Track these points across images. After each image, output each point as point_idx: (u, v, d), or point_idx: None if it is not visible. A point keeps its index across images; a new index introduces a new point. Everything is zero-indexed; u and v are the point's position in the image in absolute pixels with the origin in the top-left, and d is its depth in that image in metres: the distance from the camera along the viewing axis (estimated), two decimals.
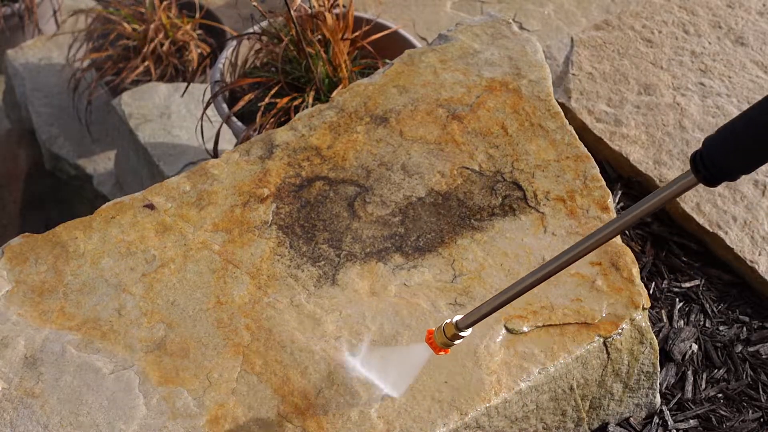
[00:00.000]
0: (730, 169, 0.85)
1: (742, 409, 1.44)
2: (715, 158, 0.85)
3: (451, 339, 1.10)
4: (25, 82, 3.14)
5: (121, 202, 1.45)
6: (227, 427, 1.17)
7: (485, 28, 1.75)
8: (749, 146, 0.83)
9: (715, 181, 0.86)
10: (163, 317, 1.29)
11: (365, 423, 1.17)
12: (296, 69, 1.97)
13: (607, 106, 1.89)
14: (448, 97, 1.60)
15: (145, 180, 2.61)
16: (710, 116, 1.86)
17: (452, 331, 1.09)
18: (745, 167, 0.85)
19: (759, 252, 1.62)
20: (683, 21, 2.10)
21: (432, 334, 1.12)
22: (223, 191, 1.46)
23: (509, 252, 1.36)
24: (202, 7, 2.99)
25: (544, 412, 1.26)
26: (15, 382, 1.22)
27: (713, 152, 0.85)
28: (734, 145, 0.84)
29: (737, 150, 0.84)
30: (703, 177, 0.86)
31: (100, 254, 1.37)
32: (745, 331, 1.55)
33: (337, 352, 1.23)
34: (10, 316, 1.30)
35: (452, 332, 1.09)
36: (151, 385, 1.21)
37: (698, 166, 0.86)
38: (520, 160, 1.49)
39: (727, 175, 0.86)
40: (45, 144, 3.02)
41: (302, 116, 1.59)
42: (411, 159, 1.50)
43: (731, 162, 0.84)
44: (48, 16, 3.36)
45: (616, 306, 1.29)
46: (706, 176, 0.86)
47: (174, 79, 2.87)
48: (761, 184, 1.72)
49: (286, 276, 1.33)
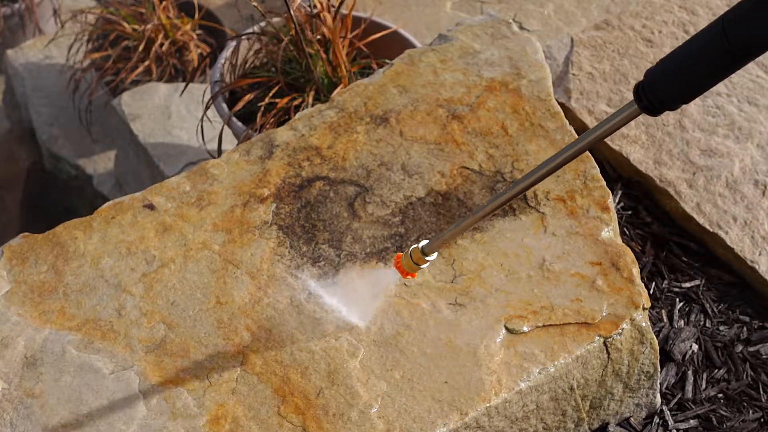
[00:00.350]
0: (669, 98, 0.89)
1: (742, 409, 1.44)
2: (655, 88, 0.89)
3: (418, 263, 1.15)
4: (25, 83, 3.14)
5: (121, 202, 1.45)
6: (227, 427, 1.17)
7: (485, 28, 1.75)
8: (686, 76, 0.87)
9: (655, 110, 0.90)
10: (164, 317, 1.29)
11: (365, 423, 1.17)
12: (296, 69, 1.97)
13: (608, 106, 1.89)
14: (448, 97, 1.60)
15: (145, 180, 2.61)
16: (710, 116, 1.86)
17: (418, 256, 1.14)
18: (684, 96, 0.89)
19: (759, 252, 1.62)
20: (683, 21, 2.10)
21: (399, 260, 1.16)
22: (223, 191, 1.46)
23: (509, 252, 1.36)
24: (202, 8, 2.99)
25: (545, 412, 1.26)
26: (15, 382, 1.22)
27: (653, 82, 0.89)
28: (672, 75, 0.88)
29: (675, 80, 0.88)
30: (645, 106, 0.91)
31: (100, 254, 1.37)
32: (746, 331, 1.55)
33: (304, 286, 1.23)
34: (10, 316, 1.29)
35: (418, 256, 1.14)
36: (151, 385, 1.21)
37: (640, 96, 0.90)
38: (521, 160, 1.49)
39: (667, 104, 0.90)
40: (45, 144, 3.02)
41: (302, 116, 1.59)
42: (411, 159, 1.50)
43: (670, 91, 0.89)
44: (48, 16, 3.36)
45: (617, 306, 1.29)
46: (647, 105, 0.90)
47: (174, 79, 2.87)
48: (761, 184, 1.72)
49: (286, 276, 1.33)
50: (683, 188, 1.72)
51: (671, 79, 0.88)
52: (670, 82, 0.88)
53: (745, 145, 1.79)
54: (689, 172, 1.74)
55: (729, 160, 1.76)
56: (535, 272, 1.33)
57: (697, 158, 1.77)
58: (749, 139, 1.81)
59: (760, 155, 1.77)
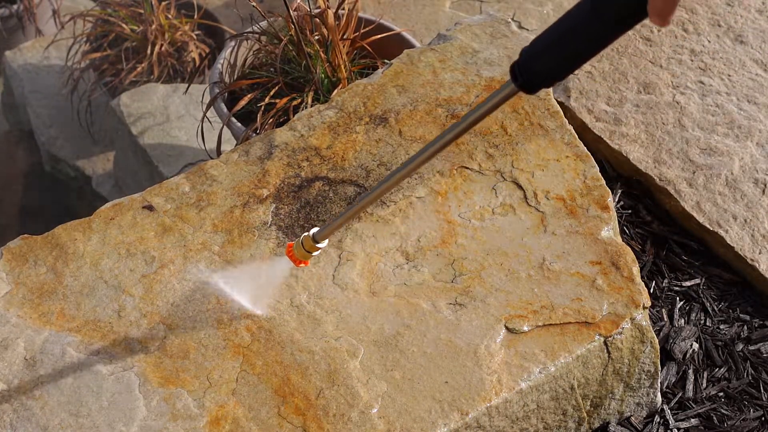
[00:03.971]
0: (543, 75, 0.91)
1: (743, 408, 1.44)
2: (530, 66, 0.91)
3: (309, 251, 1.17)
4: (24, 84, 3.13)
5: (121, 203, 1.45)
6: (228, 428, 1.17)
7: (484, 27, 1.75)
8: (559, 52, 0.89)
9: (531, 87, 0.92)
10: (163, 318, 1.29)
11: (366, 423, 1.17)
12: (295, 69, 1.97)
13: (607, 105, 1.89)
14: (448, 96, 1.60)
15: (144, 181, 2.61)
16: (710, 114, 1.85)
17: (310, 244, 1.16)
18: (556, 74, 0.91)
19: (759, 250, 1.62)
20: (683, 19, 2.10)
21: (291, 248, 1.18)
22: (223, 192, 1.46)
23: (509, 252, 1.36)
24: (201, 8, 2.99)
25: (545, 412, 1.26)
26: (15, 383, 1.22)
27: (528, 60, 0.91)
28: (546, 52, 0.90)
29: (549, 57, 0.90)
30: (521, 84, 0.92)
31: (100, 255, 1.37)
32: (746, 330, 1.55)
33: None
34: (9, 317, 1.29)
35: (310, 244, 1.16)
36: (151, 386, 1.21)
37: (516, 74, 0.92)
38: (520, 160, 1.49)
39: (541, 81, 0.91)
40: (44, 145, 3.02)
41: (301, 116, 1.59)
42: None
43: (543, 68, 0.90)
44: (47, 17, 3.35)
45: (617, 305, 1.29)
46: (523, 83, 0.92)
47: (173, 79, 2.87)
48: (761, 183, 1.72)
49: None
50: (683, 187, 1.72)
51: (545, 56, 0.90)
52: (544, 59, 0.90)
53: (745, 143, 1.79)
54: (689, 171, 1.74)
55: (729, 158, 1.76)
56: (535, 272, 1.33)
57: (697, 157, 1.77)
58: (749, 137, 1.80)
59: (759, 153, 1.77)
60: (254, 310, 1.26)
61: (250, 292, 1.26)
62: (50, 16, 3.30)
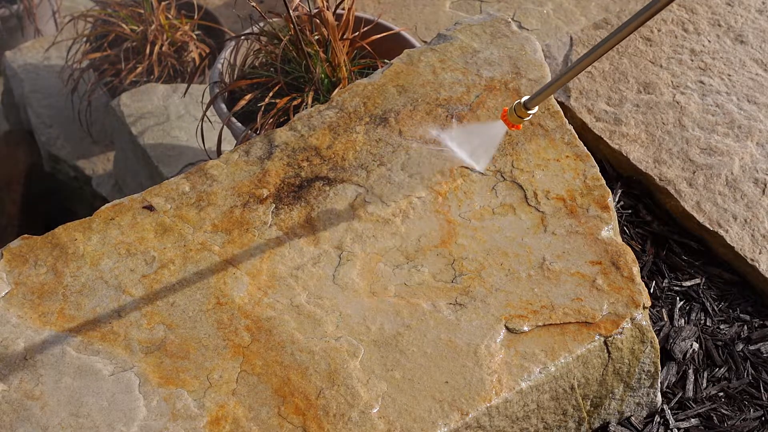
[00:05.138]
0: None
1: (743, 408, 1.44)
2: None
3: (521, 117, 1.29)
4: (24, 84, 3.13)
5: (121, 204, 1.45)
6: (228, 428, 1.17)
7: (484, 27, 1.75)
8: None
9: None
10: (163, 318, 1.29)
11: (366, 423, 1.17)
12: (295, 69, 1.97)
13: (607, 104, 1.89)
14: (448, 96, 1.60)
15: (145, 181, 2.61)
16: (710, 114, 1.85)
17: (522, 110, 1.28)
18: None
19: (759, 250, 1.62)
20: (683, 19, 2.10)
21: (506, 113, 1.30)
22: (223, 192, 1.46)
23: (509, 252, 1.36)
24: (201, 8, 2.99)
25: (545, 412, 1.26)
26: (15, 384, 1.22)
27: None
28: None
29: None
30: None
31: (100, 256, 1.37)
32: (746, 330, 1.55)
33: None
34: (9, 318, 1.29)
35: (522, 111, 1.28)
36: (151, 386, 1.21)
37: None
38: (520, 160, 1.49)
39: None
40: (44, 145, 3.02)
41: (301, 116, 1.59)
42: (410, 159, 1.50)
43: None
44: (47, 17, 3.35)
45: (617, 305, 1.29)
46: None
47: (173, 79, 2.87)
48: (761, 182, 1.72)
49: (286, 276, 1.33)
50: (683, 187, 1.72)
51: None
52: None
53: (745, 143, 1.79)
54: (689, 171, 1.74)
55: (729, 158, 1.76)
56: (536, 271, 1.33)
57: (697, 156, 1.77)
58: (749, 137, 1.80)
59: (759, 153, 1.77)
60: (474, 165, 1.39)
61: (470, 149, 1.40)
62: (50, 16, 3.30)
